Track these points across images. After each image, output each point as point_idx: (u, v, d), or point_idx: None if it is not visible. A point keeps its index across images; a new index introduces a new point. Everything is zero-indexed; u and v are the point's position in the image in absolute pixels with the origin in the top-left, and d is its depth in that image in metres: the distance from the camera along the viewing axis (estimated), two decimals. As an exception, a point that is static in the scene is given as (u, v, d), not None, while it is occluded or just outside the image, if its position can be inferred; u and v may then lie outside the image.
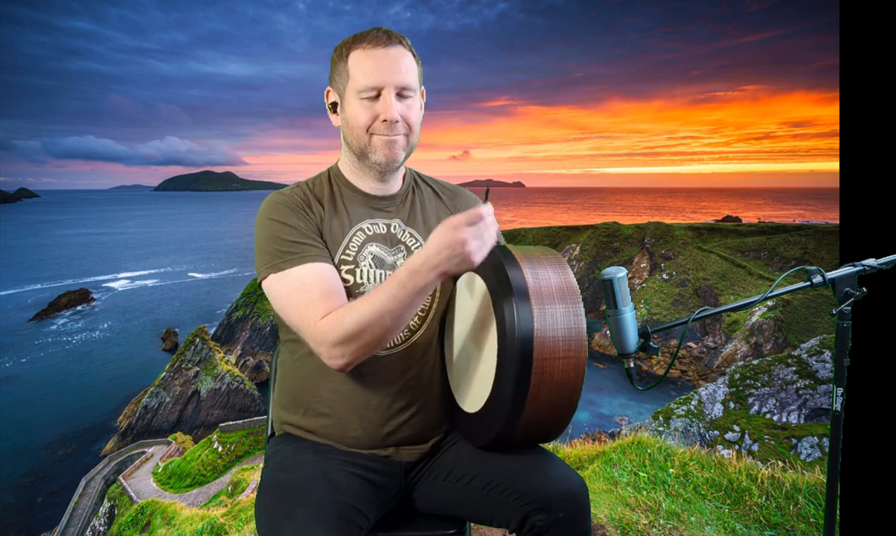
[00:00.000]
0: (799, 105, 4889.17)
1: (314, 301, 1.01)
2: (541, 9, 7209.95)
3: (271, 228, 1.08)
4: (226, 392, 34.10)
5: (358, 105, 1.08)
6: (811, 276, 1.14)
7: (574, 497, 1.00)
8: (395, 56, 1.07)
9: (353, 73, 1.07)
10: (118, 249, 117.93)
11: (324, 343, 0.99)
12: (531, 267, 0.98)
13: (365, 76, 1.06)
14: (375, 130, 1.09)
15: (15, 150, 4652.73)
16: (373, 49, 1.06)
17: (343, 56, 1.09)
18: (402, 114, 1.09)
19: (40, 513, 26.13)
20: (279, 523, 0.93)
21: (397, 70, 1.07)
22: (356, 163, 1.17)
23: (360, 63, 1.07)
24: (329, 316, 0.99)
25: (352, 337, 0.97)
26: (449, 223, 0.92)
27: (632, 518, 2.35)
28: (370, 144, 1.10)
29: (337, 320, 0.98)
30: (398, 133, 1.10)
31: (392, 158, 1.11)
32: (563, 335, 0.93)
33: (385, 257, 1.14)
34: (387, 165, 1.12)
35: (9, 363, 44.62)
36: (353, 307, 0.97)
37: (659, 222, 54.21)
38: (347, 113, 1.10)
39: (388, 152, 1.10)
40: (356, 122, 1.09)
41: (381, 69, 1.06)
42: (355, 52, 1.07)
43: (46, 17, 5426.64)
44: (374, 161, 1.12)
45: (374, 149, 1.11)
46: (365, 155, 1.12)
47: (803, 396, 17.81)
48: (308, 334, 1.01)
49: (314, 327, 1.00)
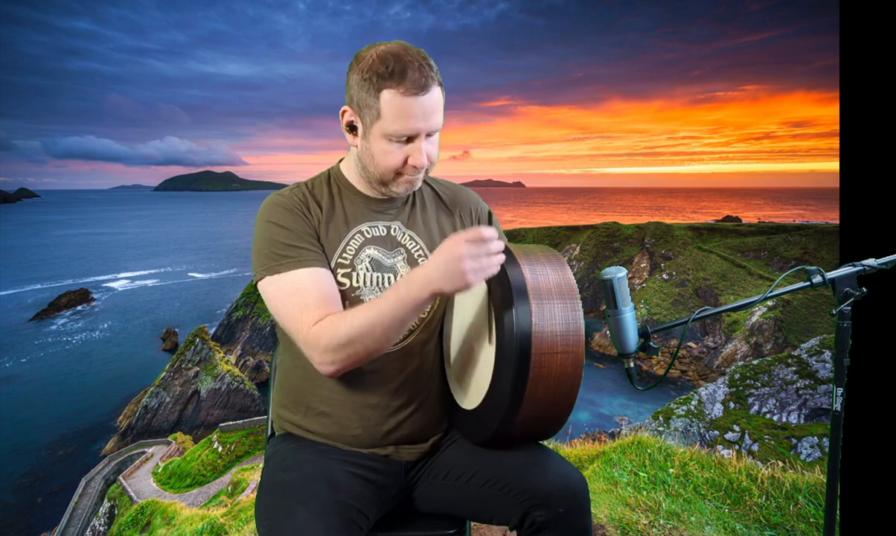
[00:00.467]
0: (799, 105, 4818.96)
1: (308, 306, 1.01)
2: (541, 9, 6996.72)
3: (268, 230, 1.07)
4: (226, 392, 34.10)
5: (386, 145, 1.04)
6: (811, 276, 1.14)
7: (574, 493, 1.01)
8: (430, 101, 1.02)
9: (385, 113, 1.01)
10: (118, 249, 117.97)
11: (316, 349, 0.99)
12: (530, 264, 0.98)
13: (398, 121, 1.01)
14: (404, 171, 1.08)
15: (15, 150, 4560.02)
16: (411, 97, 0.99)
17: (373, 90, 1.00)
18: (428, 153, 1.07)
19: (40, 513, 26.13)
20: (280, 523, 0.93)
21: (431, 116, 1.03)
22: (366, 176, 1.14)
23: (394, 106, 1.00)
24: (323, 322, 0.99)
25: (344, 345, 0.96)
26: (450, 238, 0.92)
27: (632, 518, 2.35)
28: (394, 180, 1.09)
29: (331, 325, 0.98)
30: (422, 172, 1.10)
31: (411, 189, 1.12)
32: (560, 331, 0.94)
33: (383, 259, 1.14)
34: (404, 194, 1.14)
35: (9, 363, 44.63)
36: (348, 315, 0.97)
37: (659, 222, 54.21)
38: (373, 148, 1.06)
39: (410, 186, 1.11)
40: (384, 160, 1.06)
41: (415, 117, 1.01)
42: (389, 92, 0.99)
43: (46, 17, 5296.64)
44: (394, 191, 1.12)
45: (397, 184, 1.10)
46: (384, 184, 1.11)
47: (803, 396, 17.81)
48: (300, 338, 1.01)
49: (307, 331, 0.99)
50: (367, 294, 1.11)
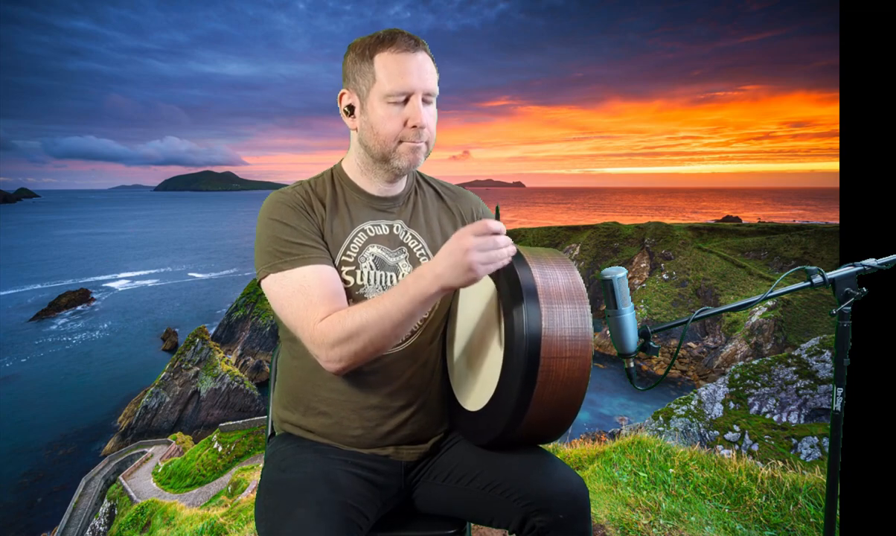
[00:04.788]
0: (799, 105, 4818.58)
1: (313, 304, 1.01)
2: (541, 9, 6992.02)
3: (272, 228, 1.07)
4: (226, 392, 34.09)
5: (385, 110, 1.05)
6: (811, 276, 1.14)
7: (574, 498, 1.00)
8: (421, 61, 1.05)
9: (380, 76, 1.04)
10: (118, 249, 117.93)
11: (322, 345, 0.98)
12: (540, 267, 0.98)
13: (393, 80, 1.03)
14: (404, 136, 1.07)
15: (15, 150, 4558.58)
16: (401, 53, 1.04)
17: (367, 57, 1.06)
18: (426, 120, 1.07)
19: (40, 513, 26.12)
20: (279, 523, 0.93)
21: (425, 75, 1.05)
22: (370, 165, 1.15)
23: (389, 66, 1.04)
24: (329, 318, 0.99)
25: (351, 339, 0.96)
26: (457, 232, 0.91)
27: (632, 518, 2.34)
28: (396, 150, 1.09)
29: (338, 321, 0.97)
30: (423, 140, 1.09)
31: (414, 163, 1.10)
32: (569, 335, 0.93)
33: (386, 258, 1.14)
34: (407, 169, 1.11)
35: (9, 363, 44.61)
36: (355, 311, 0.97)
37: (659, 222, 54.20)
38: (372, 117, 1.07)
39: (412, 157, 1.09)
40: (384, 128, 1.06)
41: (410, 74, 1.04)
42: (382, 54, 1.04)
43: (46, 17, 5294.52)
44: (396, 166, 1.10)
45: (399, 155, 1.09)
46: (387, 159, 1.10)
47: (803, 396, 17.81)
48: (306, 335, 1.01)
49: (313, 328, 0.99)
50: (372, 292, 1.11)
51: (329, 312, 1.00)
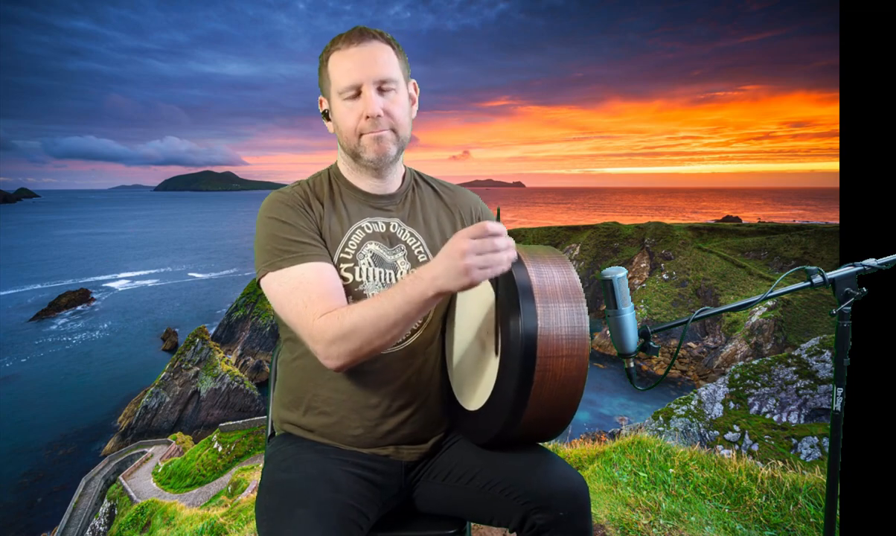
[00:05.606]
0: (799, 105, 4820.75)
1: (312, 301, 1.01)
2: (541, 9, 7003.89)
3: (270, 226, 1.08)
4: (226, 392, 34.09)
5: (342, 107, 1.09)
6: (811, 276, 1.14)
7: (574, 496, 1.00)
8: (370, 51, 1.07)
9: (333, 75, 1.09)
10: (118, 249, 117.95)
11: (321, 342, 0.98)
12: (535, 266, 0.98)
13: (343, 76, 1.07)
14: (363, 129, 1.09)
15: (15, 150, 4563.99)
16: (347, 48, 1.07)
17: (324, 62, 1.11)
18: (385, 108, 1.08)
19: (40, 513, 26.12)
20: (279, 523, 0.93)
21: (373, 64, 1.07)
22: (352, 163, 1.18)
23: (338, 64, 1.08)
24: (328, 315, 0.99)
25: (347, 338, 0.96)
26: (456, 234, 0.90)
27: (632, 518, 2.34)
28: (360, 144, 1.11)
29: (337, 318, 0.97)
30: (383, 128, 1.10)
31: (382, 154, 1.11)
32: (566, 334, 0.93)
33: (384, 255, 1.14)
34: (378, 161, 1.12)
35: (9, 363, 44.61)
36: (354, 309, 0.97)
37: (659, 222, 54.20)
38: (335, 117, 1.12)
39: (378, 148, 1.10)
40: (344, 125, 1.10)
41: (357, 67, 1.06)
42: (333, 55, 1.09)
43: (46, 17, 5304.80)
44: (367, 159, 1.12)
45: (363, 148, 1.11)
46: (357, 155, 1.13)
47: (803, 396, 17.81)
48: (305, 332, 1.01)
49: (312, 325, 0.99)
50: (371, 289, 1.11)
51: (328, 309, 1.00)
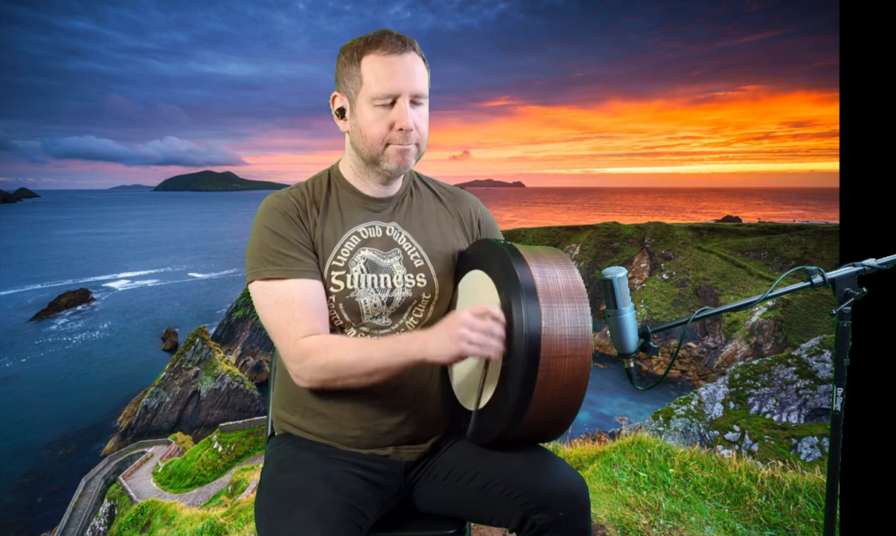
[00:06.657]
0: (799, 105, 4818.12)
1: (295, 320, 1.04)
2: (541, 9, 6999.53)
3: (261, 234, 1.09)
4: (226, 392, 34.09)
5: (372, 113, 1.06)
6: (811, 276, 1.14)
7: (574, 496, 1.00)
8: (409, 63, 1.05)
9: (367, 78, 1.05)
10: (118, 249, 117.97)
11: (299, 363, 1.03)
12: (539, 266, 0.98)
13: (380, 83, 1.04)
14: (391, 139, 1.07)
15: (15, 150, 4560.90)
16: (388, 55, 1.04)
17: (355, 60, 1.06)
18: (416, 122, 1.07)
19: (40, 513, 26.13)
20: (279, 523, 0.93)
21: (412, 77, 1.05)
22: (363, 167, 1.15)
23: (375, 69, 1.04)
24: (313, 339, 1.03)
25: (327, 370, 1.01)
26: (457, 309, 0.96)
27: (632, 518, 2.34)
28: (384, 153, 1.09)
29: (322, 348, 1.02)
30: (411, 142, 1.09)
31: (404, 166, 1.11)
32: (569, 334, 0.94)
33: (378, 260, 1.14)
34: (398, 171, 1.12)
35: (9, 363, 44.61)
36: (339, 344, 1.02)
37: (659, 222, 54.20)
38: (360, 120, 1.08)
39: (401, 160, 1.09)
40: (370, 131, 1.07)
41: (396, 76, 1.04)
42: (369, 56, 1.05)
43: (46, 17, 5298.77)
44: (387, 168, 1.11)
45: (387, 158, 1.09)
46: (376, 162, 1.11)
47: (803, 396, 17.81)
48: (283, 348, 1.04)
49: (294, 344, 1.03)
50: (362, 296, 1.11)
51: (310, 331, 1.03)
